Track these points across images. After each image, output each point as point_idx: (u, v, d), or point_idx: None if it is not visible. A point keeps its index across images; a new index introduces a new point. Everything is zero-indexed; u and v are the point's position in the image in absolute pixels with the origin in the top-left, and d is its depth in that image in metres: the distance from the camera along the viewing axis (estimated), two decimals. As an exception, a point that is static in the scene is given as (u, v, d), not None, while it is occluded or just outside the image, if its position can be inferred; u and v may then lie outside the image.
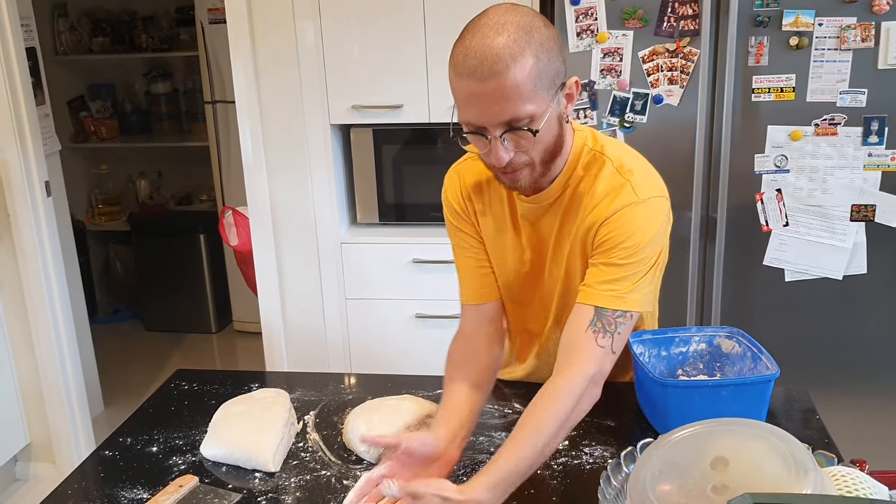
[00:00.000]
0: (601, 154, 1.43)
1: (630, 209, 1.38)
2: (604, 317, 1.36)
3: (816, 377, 2.62)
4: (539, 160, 1.35)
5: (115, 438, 1.59)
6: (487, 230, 1.55)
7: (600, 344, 1.35)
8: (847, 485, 1.14)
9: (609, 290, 1.37)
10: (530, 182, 1.38)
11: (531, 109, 1.26)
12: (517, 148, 1.31)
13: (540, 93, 1.26)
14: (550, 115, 1.30)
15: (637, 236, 1.37)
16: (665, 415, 1.47)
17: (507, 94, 1.23)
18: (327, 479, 1.42)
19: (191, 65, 4.62)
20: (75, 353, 3.15)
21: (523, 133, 1.28)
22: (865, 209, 2.52)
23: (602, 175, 1.41)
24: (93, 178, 4.80)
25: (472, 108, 1.27)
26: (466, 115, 1.29)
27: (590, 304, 1.37)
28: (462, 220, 1.57)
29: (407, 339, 2.94)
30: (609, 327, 1.36)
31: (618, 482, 1.24)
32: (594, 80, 2.54)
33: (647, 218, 1.39)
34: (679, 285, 2.63)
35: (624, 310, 1.37)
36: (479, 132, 1.30)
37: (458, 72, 1.25)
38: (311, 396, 1.72)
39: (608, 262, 1.38)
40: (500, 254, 1.56)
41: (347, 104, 2.80)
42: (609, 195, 1.40)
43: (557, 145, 1.37)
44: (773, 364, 1.49)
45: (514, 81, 1.22)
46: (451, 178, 1.58)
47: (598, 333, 1.36)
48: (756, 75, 2.46)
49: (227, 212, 3.31)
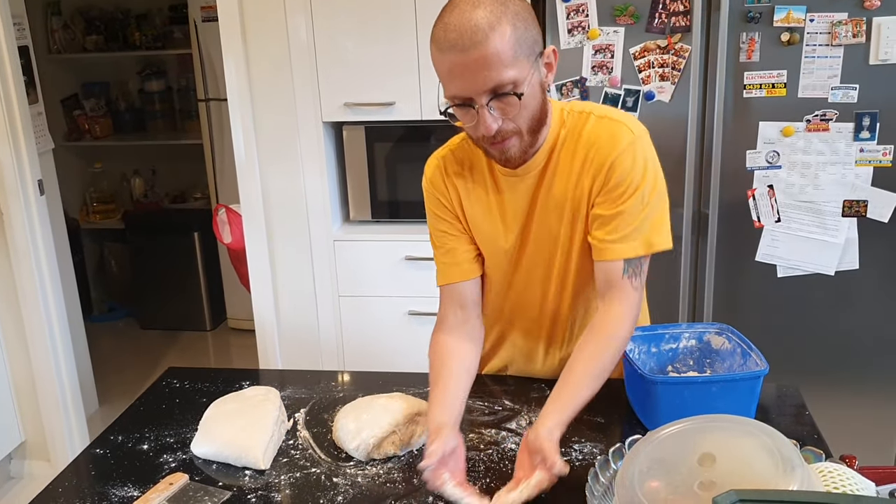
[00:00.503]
0: (581, 112, 1.49)
1: (632, 145, 1.43)
2: (632, 263, 1.47)
3: (808, 373, 2.63)
4: (526, 128, 1.39)
5: (107, 436, 1.59)
6: (472, 212, 1.58)
7: (634, 286, 1.48)
8: (834, 481, 1.14)
9: (629, 243, 1.46)
10: (520, 151, 1.41)
11: (514, 74, 1.30)
12: (504, 115, 1.35)
13: (520, 59, 1.31)
14: (532, 81, 1.35)
15: (645, 169, 1.44)
16: (655, 411, 1.47)
17: (489, 61, 1.28)
18: (317, 476, 1.43)
19: (184, 62, 4.62)
20: (69, 351, 3.14)
21: (509, 98, 1.32)
22: (857, 205, 2.52)
23: (589, 126, 1.46)
24: (87, 176, 4.79)
25: (456, 81, 1.31)
26: (452, 89, 1.33)
27: (618, 259, 1.46)
28: (443, 206, 1.59)
29: (400, 335, 2.95)
30: (637, 269, 1.48)
31: (606, 479, 1.25)
32: (586, 77, 2.55)
33: (648, 152, 1.46)
34: (671, 281, 2.63)
35: (645, 254, 1.48)
36: (466, 104, 1.34)
37: (440, 47, 1.30)
38: (302, 394, 1.72)
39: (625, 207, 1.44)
40: (487, 233, 1.58)
41: (340, 101, 2.80)
42: (608, 136, 1.44)
43: (542, 113, 1.41)
44: (763, 360, 1.49)
45: (495, 49, 1.27)
46: (431, 165, 1.61)
47: (632, 278, 1.47)
48: (747, 71, 2.46)
49: (221, 209, 3.31)
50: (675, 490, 1.10)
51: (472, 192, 1.57)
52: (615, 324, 1.46)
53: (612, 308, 1.47)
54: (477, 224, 1.59)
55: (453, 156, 1.59)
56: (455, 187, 1.58)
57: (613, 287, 1.47)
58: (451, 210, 1.59)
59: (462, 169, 1.57)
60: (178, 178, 4.91)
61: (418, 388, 1.68)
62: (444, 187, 1.59)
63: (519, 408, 1.63)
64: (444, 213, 1.60)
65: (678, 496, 1.08)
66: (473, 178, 1.56)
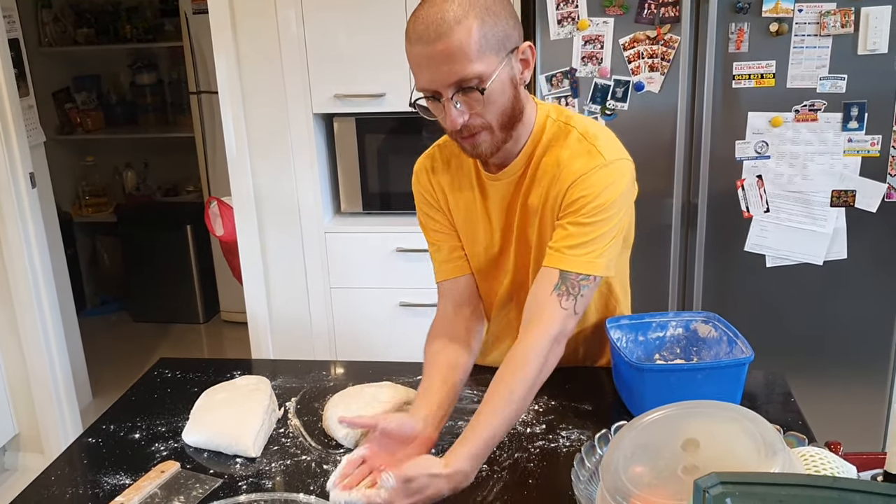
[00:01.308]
0: (566, 125, 1.48)
1: (597, 171, 1.42)
2: (568, 280, 1.41)
3: (796, 361, 2.65)
4: (497, 124, 1.39)
5: (99, 426, 1.60)
6: (457, 211, 1.59)
7: (563, 306, 1.40)
8: (816, 465, 1.16)
9: (575, 254, 1.42)
10: (491, 147, 1.41)
11: (479, 69, 1.31)
12: (470, 110, 1.36)
13: (487, 54, 1.31)
14: (501, 77, 1.34)
15: (604, 196, 1.42)
16: (641, 399, 1.49)
17: (453, 54, 1.29)
18: (308, 463, 1.44)
19: (176, 55, 4.62)
20: (62, 344, 3.15)
21: (473, 93, 1.33)
22: (845, 195, 2.54)
23: (567, 143, 1.46)
24: (79, 169, 4.79)
25: (423, 72, 1.33)
26: (420, 81, 1.35)
27: (555, 268, 1.42)
28: (431, 205, 1.61)
29: (391, 327, 2.96)
30: (573, 290, 1.41)
31: (592, 464, 1.26)
32: (575, 68, 2.56)
33: (613, 178, 1.43)
34: (660, 271, 2.65)
35: (588, 273, 1.42)
36: (434, 97, 1.35)
37: (410, 39, 1.33)
38: (293, 383, 1.73)
39: (575, 221, 1.43)
40: (471, 234, 1.60)
41: (330, 93, 2.81)
42: (576, 159, 1.44)
43: (515, 110, 1.41)
44: (748, 348, 1.51)
45: (459, 42, 1.28)
46: (419, 164, 1.63)
47: (563, 296, 1.41)
48: (736, 62, 2.48)
49: (213, 202, 3.32)
50: (659, 474, 1.11)
51: (457, 192, 1.58)
52: (528, 353, 1.36)
53: (527, 332, 1.39)
54: (461, 224, 1.60)
55: (440, 154, 1.60)
56: (441, 186, 1.59)
57: (538, 305, 1.41)
58: (439, 208, 1.61)
59: (448, 168, 1.59)
60: (170, 172, 4.91)
61: (408, 377, 1.70)
62: (430, 187, 1.60)
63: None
64: (432, 211, 1.62)
65: (662, 480, 1.10)
66: (460, 178, 1.58)
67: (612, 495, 1.11)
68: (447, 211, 1.60)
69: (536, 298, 1.42)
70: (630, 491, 1.09)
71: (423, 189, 1.62)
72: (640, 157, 1.54)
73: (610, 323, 1.63)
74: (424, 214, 1.64)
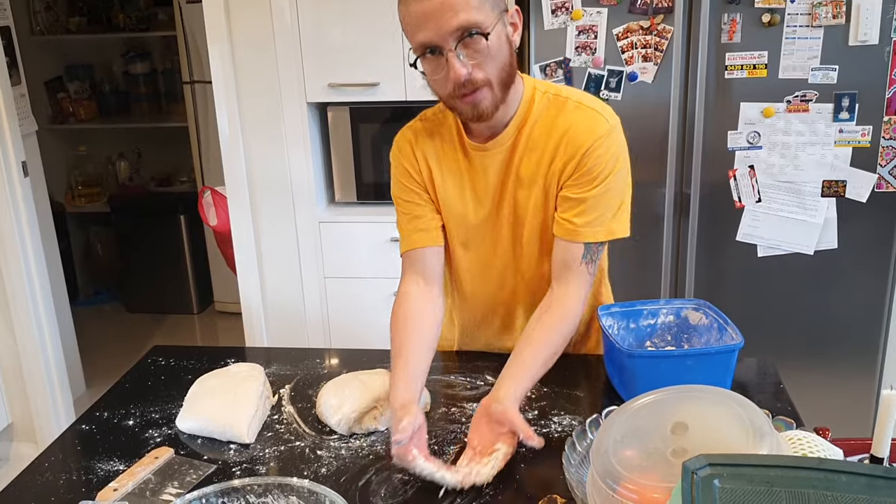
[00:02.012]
0: (557, 96, 1.51)
1: (608, 136, 1.48)
2: (591, 249, 1.52)
3: (787, 350, 2.67)
4: (497, 80, 1.41)
5: (93, 413, 1.61)
6: (441, 182, 1.59)
7: (590, 272, 1.54)
8: (803, 448, 1.17)
9: (593, 227, 1.50)
10: (491, 105, 1.43)
11: (480, 18, 1.34)
12: (473, 60, 1.37)
13: (485, 6, 1.35)
14: (499, 31, 1.38)
15: (617, 160, 1.49)
16: (632, 385, 1.50)
17: (454, 3, 1.32)
18: (301, 449, 1.45)
19: (169, 45, 4.60)
20: (56, 334, 3.15)
21: (477, 41, 1.35)
22: (836, 185, 2.55)
23: (567, 112, 1.49)
24: (72, 159, 4.78)
25: (424, 27, 1.35)
26: (420, 37, 1.36)
27: (579, 242, 1.50)
28: (411, 176, 1.61)
29: (386, 317, 2.94)
30: (594, 256, 1.54)
31: (583, 448, 1.27)
32: (569, 58, 2.56)
33: (620, 144, 1.51)
34: (653, 261, 2.66)
35: (606, 241, 1.54)
36: (435, 52, 1.36)
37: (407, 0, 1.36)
38: (287, 371, 1.74)
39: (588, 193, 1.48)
40: (455, 204, 1.60)
41: (324, 82, 2.81)
42: (582, 125, 1.48)
43: (512, 69, 1.44)
44: (738, 334, 1.52)
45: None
46: (401, 135, 1.63)
47: (589, 264, 1.53)
48: (729, 52, 2.48)
49: (206, 192, 3.32)
50: (649, 457, 1.12)
51: (442, 164, 1.59)
52: (571, 303, 1.52)
53: (568, 289, 1.52)
54: (446, 197, 1.60)
55: (424, 128, 1.61)
56: (426, 159, 1.60)
57: (569, 270, 1.52)
58: (420, 182, 1.61)
59: (433, 141, 1.59)
60: (164, 161, 4.90)
61: (401, 364, 1.70)
62: (413, 158, 1.60)
63: (500, 383, 1.65)
64: (411, 183, 1.62)
65: (651, 463, 1.11)
66: (444, 151, 1.58)
67: (602, 479, 1.13)
68: (429, 182, 1.60)
69: (568, 264, 1.52)
70: (620, 474, 1.10)
71: (405, 160, 1.61)
72: (633, 147, 1.56)
73: (602, 310, 1.64)
74: (402, 186, 1.63)
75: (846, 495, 0.86)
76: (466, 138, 1.55)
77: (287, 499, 1.11)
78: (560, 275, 1.54)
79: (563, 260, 1.53)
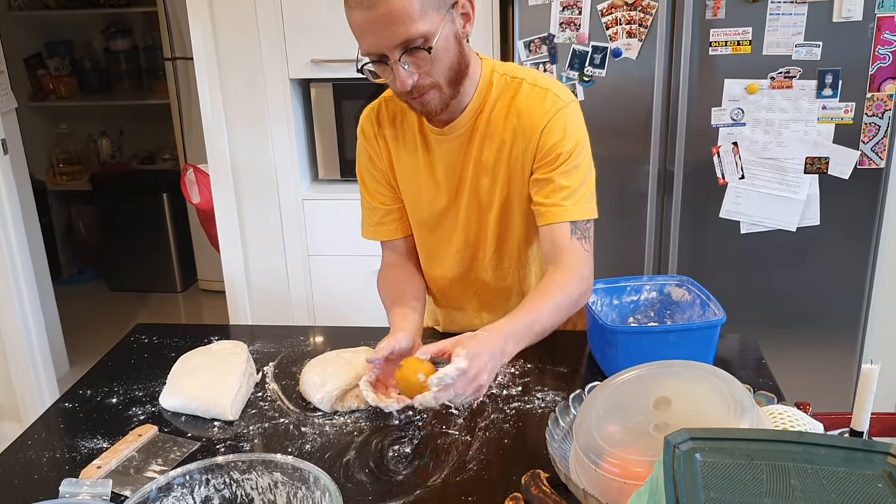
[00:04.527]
0: (513, 78, 1.50)
1: (562, 112, 1.47)
2: (579, 226, 1.49)
3: (769, 326, 2.69)
4: (445, 81, 1.40)
5: (76, 391, 1.60)
6: (400, 166, 1.60)
7: (585, 249, 1.50)
8: (784, 422, 1.18)
9: (573, 203, 1.48)
10: (440, 104, 1.43)
11: (423, 29, 1.31)
12: (418, 69, 1.36)
13: (428, 12, 1.31)
14: (446, 34, 1.35)
15: (574, 136, 1.47)
16: (615, 361, 1.51)
17: (396, 16, 1.29)
18: (285, 426, 1.45)
19: (150, 20, 4.55)
20: (38, 313, 3.13)
21: (420, 53, 1.34)
22: (819, 162, 2.56)
23: (521, 94, 1.49)
24: (53, 137, 4.73)
25: (367, 37, 1.33)
26: (365, 46, 1.35)
27: (564, 221, 1.48)
28: (371, 158, 1.63)
29: (370, 294, 2.93)
30: (586, 233, 1.50)
31: (566, 424, 1.28)
32: (553, 34, 2.55)
33: (576, 119, 1.49)
34: (636, 237, 2.67)
35: (589, 218, 1.51)
36: (381, 60, 1.35)
37: (349, 4, 1.32)
38: (271, 348, 1.74)
39: (559, 171, 1.47)
40: (415, 189, 1.60)
41: (306, 58, 2.78)
42: (536, 108, 1.47)
43: (462, 65, 1.42)
44: (721, 310, 1.53)
45: (400, 3, 1.28)
46: (364, 115, 1.63)
47: (582, 240, 1.49)
48: (713, 28, 2.48)
49: (189, 169, 3.30)
50: (631, 432, 1.13)
51: (401, 148, 1.59)
52: (565, 282, 1.46)
53: (561, 266, 1.47)
54: (405, 181, 1.61)
55: (386, 108, 1.60)
56: (385, 141, 1.60)
57: (564, 249, 1.48)
58: (382, 170, 1.62)
59: (393, 122, 1.59)
60: (146, 139, 4.86)
61: (385, 341, 1.71)
62: (374, 140, 1.61)
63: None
64: (375, 170, 1.64)
65: (634, 438, 1.12)
66: (404, 133, 1.58)
67: (585, 453, 1.14)
68: (388, 168, 1.61)
69: (557, 246, 1.48)
70: (603, 449, 1.11)
71: (366, 140, 1.62)
72: (617, 124, 1.57)
73: (585, 287, 1.64)
74: (366, 169, 1.65)
75: (825, 468, 0.87)
76: (426, 123, 1.55)
77: (271, 475, 1.11)
78: (556, 257, 1.49)
79: (553, 243, 1.49)
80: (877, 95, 2.49)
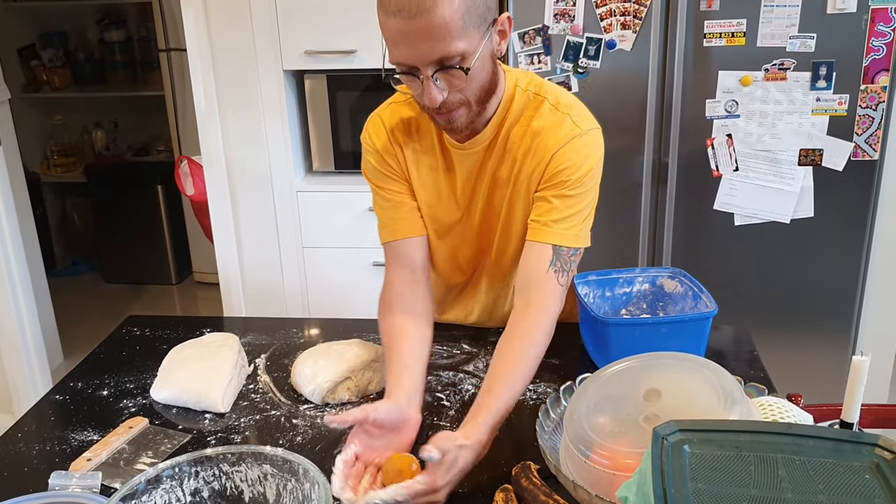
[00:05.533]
0: (536, 95, 1.44)
1: (576, 140, 1.41)
2: (561, 256, 1.42)
3: (763, 318, 2.69)
4: (474, 99, 1.34)
5: (66, 383, 1.60)
6: (417, 175, 1.52)
7: (560, 283, 1.42)
8: (774, 413, 1.18)
9: (563, 227, 1.42)
10: (467, 122, 1.37)
11: (462, 47, 1.24)
12: (450, 87, 1.29)
13: (470, 30, 1.24)
14: (483, 53, 1.29)
15: (585, 166, 1.41)
16: (607, 353, 1.51)
17: (436, 31, 1.21)
18: (277, 418, 1.45)
19: (144, 11, 4.52)
20: (32, 305, 3.13)
21: (455, 72, 1.27)
22: (813, 153, 2.56)
23: (540, 114, 1.43)
24: (47, 128, 4.70)
25: (401, 48, 1.25)
26: (396, 55, 1.27)
27: (547, 243, 1.41)
28: (389, 166, 1.52)
29: (364, 287, 2.96)
30: (566, 266, 1.43)
31: (556, 415, 1.28)
32: (548, 25, 2.54)
33: (591, 148, 1.43)
34: (631, 229, 2.67)
35: (577, 247, 1.43)
36: (411, 72, 1.28)
37: (386, 10, 1.23)
38: (263, 340, 1.74)
39: (560, 194, 1.42)
40: (432, 199, 1.54)
41: (300, 49, 2.77)
42: (552, 131, 1.42)
43: (492, 83, 1.37)
44: (713, 302, 1.53)
45: (443, 18, 1.20)
46: (375, 124, 1.53)
47: (558, 273, 1.42)
48: (708, 20, 2.47)
49: (183, 161, 3.28)
50: (622, 424, 1.13)
51: (419, 155, 1.51)
52: (533, 329, 1.38)
53: (530, 310, 1.40)
54: (423, 195, 1.54)
55: (400, 117, 1.51)
56: (401, 149, 1.51)
57: (536, 281, 1.41)
58: (400, 171, 1.53)
59: (409, 132, 1.50)
60: (141, 131, 4.84)
61: (377, 334, 1.69)
62: (391, 148, 1.51)
63: (476, 351, 1.66)
64: (390, 171, 1.52)
65: (624, 430, 1.12)
66: (421, 142, 1.50)
67: (575, 445, 1.14)
68: (405, 169, 1.53)
69: (532, 275, 1.42)
70: (593, 440, 1.11)
71: (382, 150, 1.51)
72: (611, 116, 1.55)
73: (577, 279, 1.65)
74: (378, 173, 1.54)
75: (813, 459, 0.87)
76: (445, 135, 1.47)
77: (261, 467, 1.11)
78: (523, 290, 1.42)
79: (529, 269, 1.42)
80: (871, 87, 2.49)
